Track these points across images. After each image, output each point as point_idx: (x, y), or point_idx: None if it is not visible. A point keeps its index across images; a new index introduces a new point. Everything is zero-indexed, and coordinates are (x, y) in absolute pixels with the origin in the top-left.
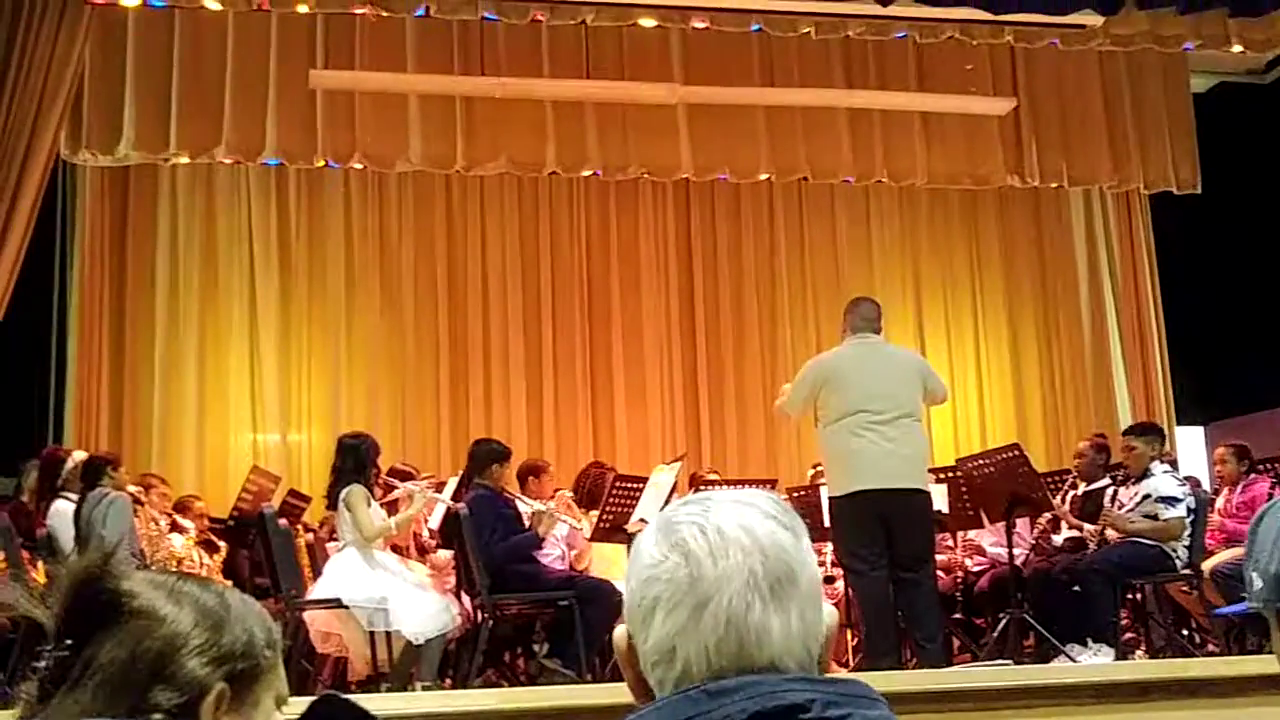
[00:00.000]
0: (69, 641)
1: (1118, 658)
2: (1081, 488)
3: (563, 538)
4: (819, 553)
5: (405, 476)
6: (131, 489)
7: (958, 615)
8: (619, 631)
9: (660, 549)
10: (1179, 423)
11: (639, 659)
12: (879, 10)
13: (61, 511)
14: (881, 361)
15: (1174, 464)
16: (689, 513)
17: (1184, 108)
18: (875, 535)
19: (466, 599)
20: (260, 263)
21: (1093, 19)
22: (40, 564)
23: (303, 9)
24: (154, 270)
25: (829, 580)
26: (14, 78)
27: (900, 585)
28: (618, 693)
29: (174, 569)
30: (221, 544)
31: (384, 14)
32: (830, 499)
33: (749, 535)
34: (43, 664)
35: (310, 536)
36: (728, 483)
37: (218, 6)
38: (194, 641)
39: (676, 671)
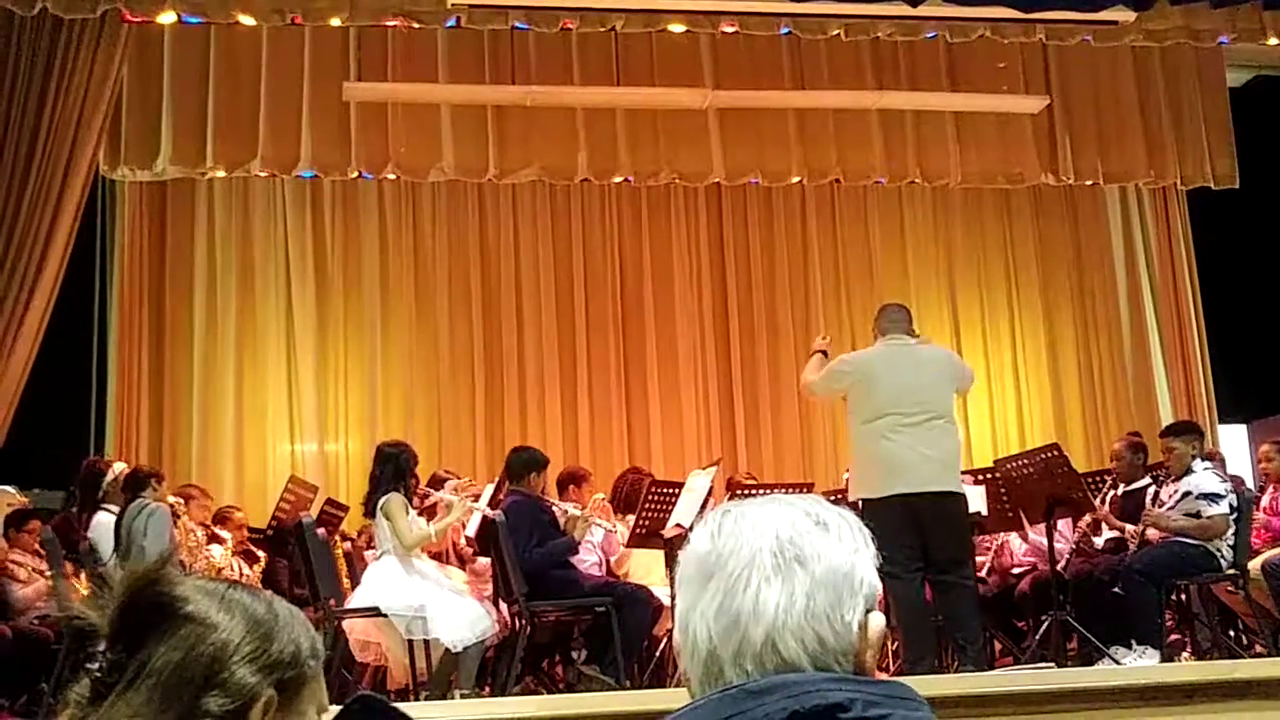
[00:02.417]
0: (121, 645)
1: (1163, 660)
2: (1121, 489)
3: (598, 544)
4: None
5: (444, 481)
6: (171, 500)
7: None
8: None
9: (698, 534)
10: (1221, 421)
11: None
12: (909, 10)
13: (103, 523)
14: (912, 362)
15: (1222, 462)
16: (730, 504)
17: (1220, 102)
18: (909, 539)
19: (504, 606)
20: (296, 274)
21: (1125, 15)
22: (83, 575)
23: (336, 22)
24: (192, 282)
25: None
26: (54, 96)
27: (938, 588)
28: (656, 699)
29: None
30: (261, 554)
31: (415, 26)
32: (862, 502)
33: (768, 521)
34: (96, 665)
35: (348, 545)
36: (764, 487)
37: (252, 22)
38: (245, 649)
39: (689, 644)
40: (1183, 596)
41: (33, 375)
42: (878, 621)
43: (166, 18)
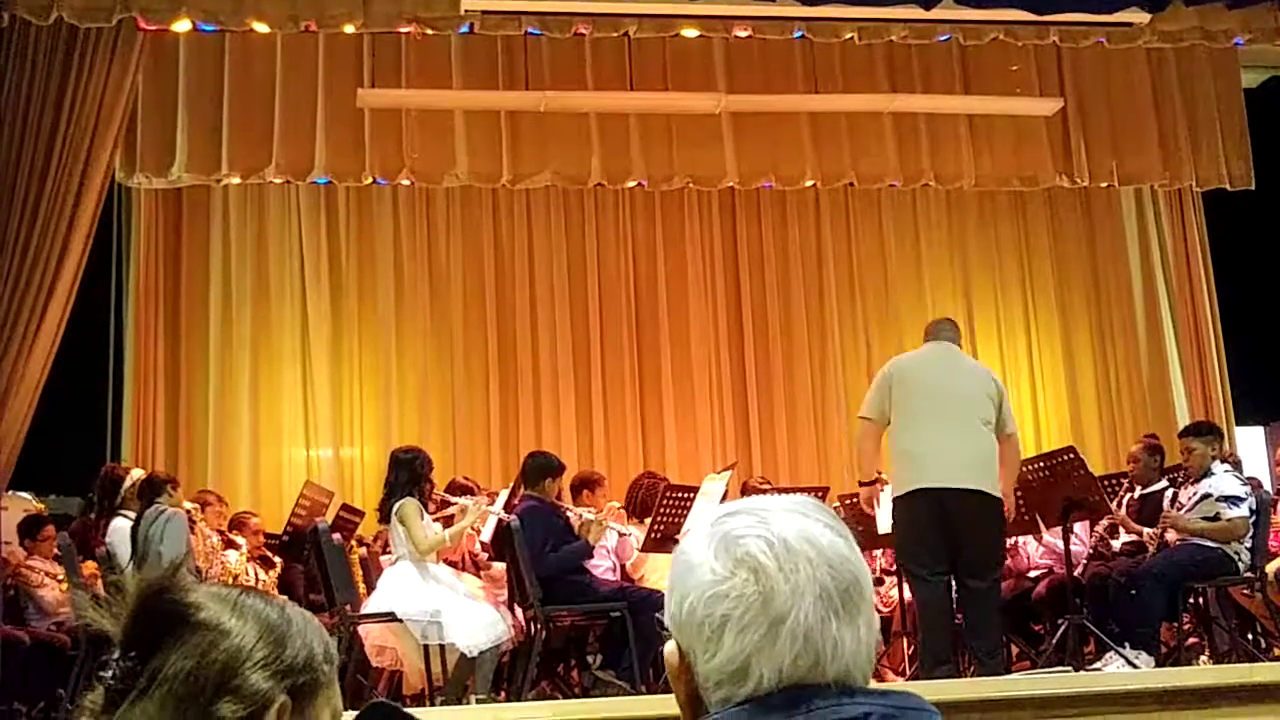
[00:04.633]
0: (134, 652)
1: (1158, 665)
2: (1138, 491)
3: (612, 549)
4: (870, 558)
5: (465, 491)
6: (187, 505)
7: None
8: (669, 647)
9: (724, 564)
10: (1238, 423)
11: (695, 675)
12: (922, 13)
13: (120, 529)
14: (955, 364)
15: (1237, 464)
16: (747, 525)
17: (1235, 103)
18: (934, 538)
19: (519, 611)
20: (311, 280)
21: (1139, 16)
22: (99, 581)
23: (349, 29)
24: (207, 289)
25: (878, 583)
26: (70, 104)
27: (962, 592)
28: (671, 704)
29: (232, 584)
30: (277, 559)
31: (429, 32)
32: (893, 499)
33: (813, 546)
34: (109, 673)
35: (364, 551)
36: (779, 490)
37: (266, 29)
38: (258, 655)
39: (748, 688)
40: (1200, 599)
41: (49, 382)
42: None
43: (181, 26)
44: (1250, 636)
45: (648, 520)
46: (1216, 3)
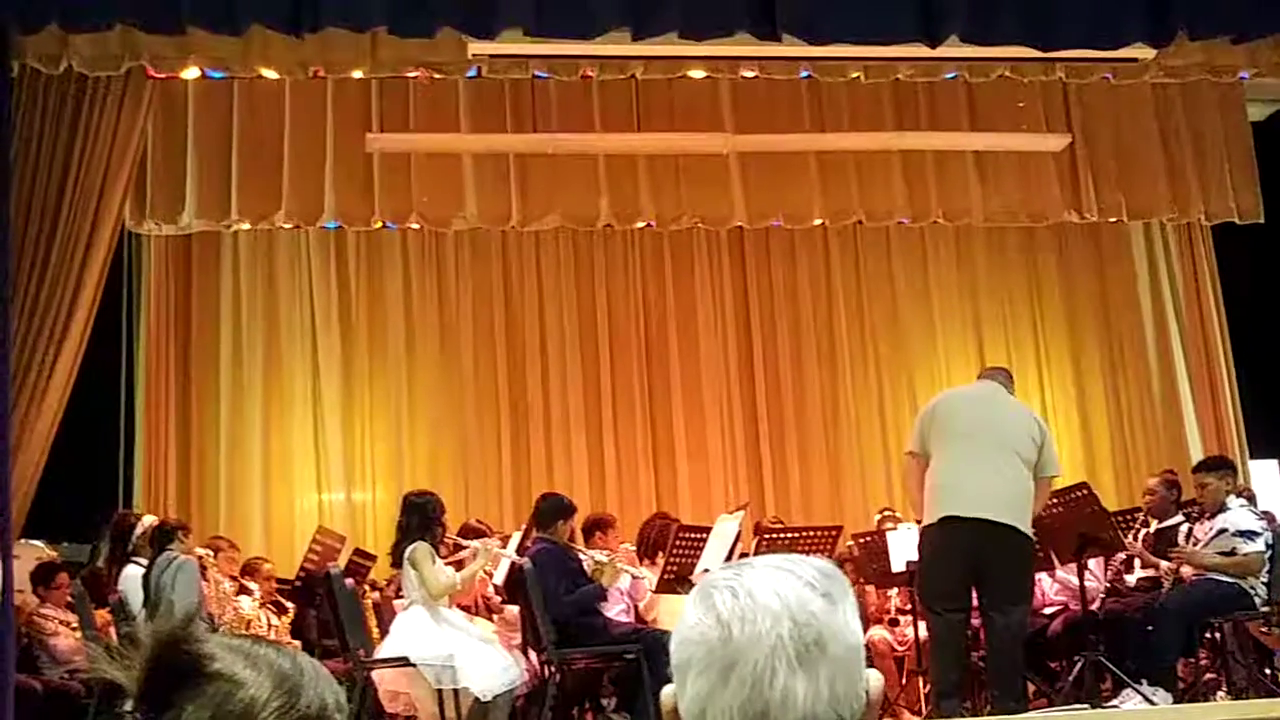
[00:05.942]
0: (149, 704)
1: (1175, 701)
2: (1154, 525)
3: (626, 590)
4: (884, 597)
5: (477, 534)
6: (200, 552)
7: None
8: (667, 691)
9: (697, 611)
10: (1251, 456)
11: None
12: (928, 52)
13: (132, 577)
14: (995, 402)
15: (1251, 498)
16: (725, 577)
17: (1242, 136)
18: (956, 569)
19: (533, 654)
20: (321, 324)
21: (1145, 52)
22: (112, 629)
23: (357, 74)
24: (218, 334)
25: (893, 623)
26: (80, 152)
27: (986, 626)
28: None
29: (243, 631)
30: (290, 605)
31: (437, 76)
32: (921, 528)
33: (780, 600)
34: None
35: (377, 595)
36: (792, 530)
37: (274, 75)
38: (273, 705)
39: None
40: (1217, 635)
41: (61, 429)
42: (877, 681)
43: (190, 73)
44: (1268, 671)
45: (660, 560)
46: (1222, 37)
